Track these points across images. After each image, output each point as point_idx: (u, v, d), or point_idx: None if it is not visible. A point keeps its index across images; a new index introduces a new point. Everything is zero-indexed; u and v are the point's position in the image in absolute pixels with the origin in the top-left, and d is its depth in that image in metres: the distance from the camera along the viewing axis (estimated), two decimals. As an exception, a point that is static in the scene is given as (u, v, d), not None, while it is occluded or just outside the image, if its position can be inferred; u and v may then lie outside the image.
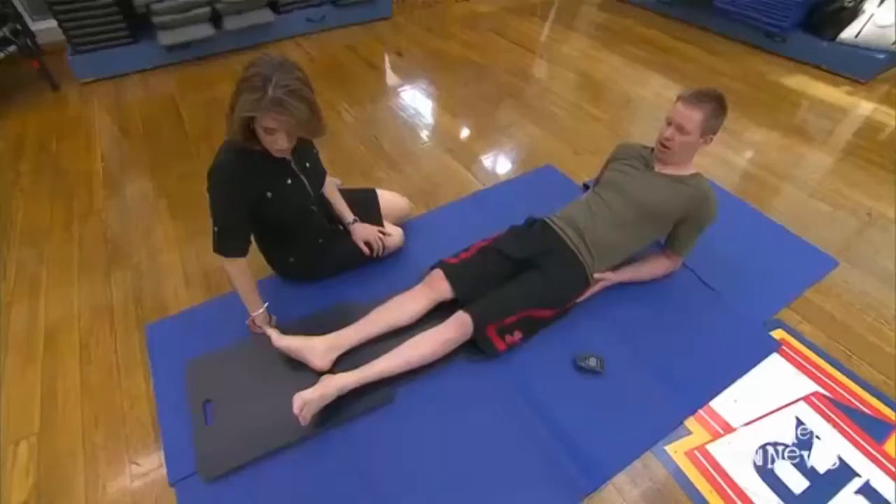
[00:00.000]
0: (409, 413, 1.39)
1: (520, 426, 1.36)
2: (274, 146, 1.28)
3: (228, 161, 1.32)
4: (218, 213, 1.36)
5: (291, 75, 1.19)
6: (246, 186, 1.35)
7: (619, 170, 1.69)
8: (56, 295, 1.76)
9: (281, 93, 1.16)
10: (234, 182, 1.33)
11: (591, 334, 1.57)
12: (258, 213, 1.41)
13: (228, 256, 1.40)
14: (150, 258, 1.87)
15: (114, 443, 1.36)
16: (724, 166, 2.34)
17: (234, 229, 1.39)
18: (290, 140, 1.29)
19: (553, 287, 1.54)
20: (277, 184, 1.41)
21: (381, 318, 1.53)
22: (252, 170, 1.34)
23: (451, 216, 2.02)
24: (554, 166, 2.31)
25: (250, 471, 1.28)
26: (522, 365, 1.49)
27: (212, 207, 1.36)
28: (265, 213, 1.42)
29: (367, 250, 1.68)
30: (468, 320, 1.44)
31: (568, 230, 1.61)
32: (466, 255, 1.64)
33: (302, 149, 1.45)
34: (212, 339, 1.56)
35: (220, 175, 1.32)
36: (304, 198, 1.50)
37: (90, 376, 1.51)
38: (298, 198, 1.48)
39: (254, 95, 1.16)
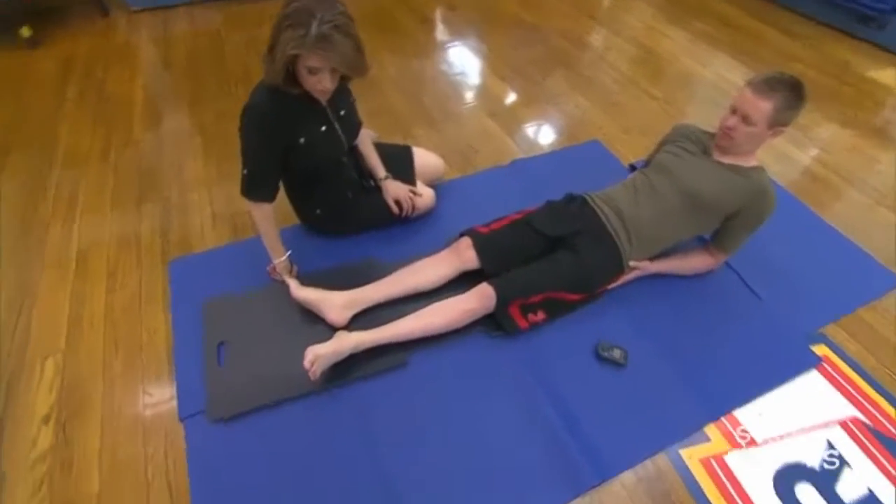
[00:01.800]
0: (420, 380, 1.37)
1: (531, 408, 1.32)
2: (317, 87, 1.22)
3: (263, 102, 1.27)
4: (248, 155, 1.33)
5: (335, 10, 1.11)
6: (279, 130, 1.30)
7: (673, 152, 1.56)
8: (90, 220, 1.79)
9: (326, 28, 1.09)
10: (267, 125, 1.28)
11: (617, 324, 1.50)
12: (289, 158, 1.37)
13: (255, 201, 1.38)
14: (180, 194, 1.87)
15: (131, 371, 1.39)
16: (784, 161, 2.16)
17: (263, 174, 1.36)
18: (333, 80, 1.23)
19: (585, 270, 1.47)
20: (311, 130, 1.36)
21: (402, 280, 1.49)
22: (287, 113, 1.29)
23: (486, 183, 1.94)
24: (600, 142, 2.18)
25: (256, 417, 1.29)
26: (542, 346, 1.44)
27: (242, 149, 1.33)
28: (296, 160, 1.38)
29: (395, 209, 1.63)
30: (491, 293, 1.39)
31: (608, 212, 1.52)
32: (498, 226, 1.57)
33: (338, 96, 1.39)
34: (232, 282, 1.56)
35: (253, 116, 1.28)
36: (336, 147, 1.45)
37: (114, 303, 1.54)
38: (330, 147, 1.43)
39: (298, 32, 1.10)
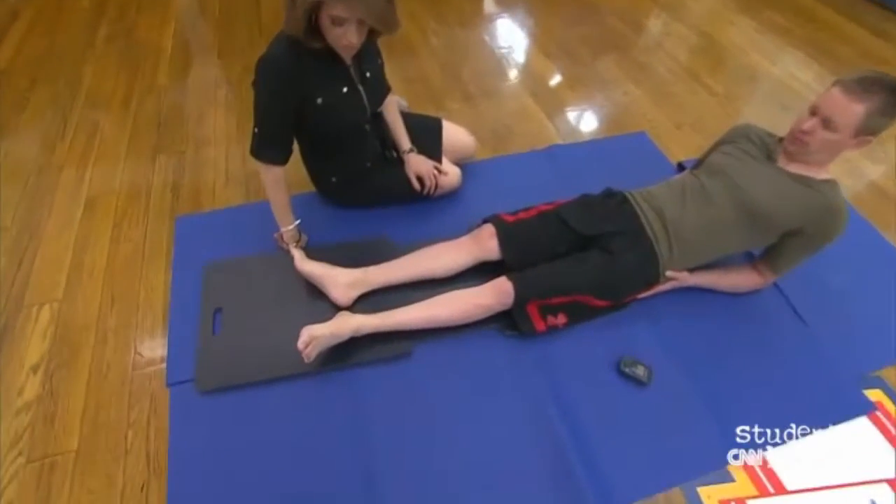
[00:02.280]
0: (423, 373, 1.27)
1: (539, 419, 1.21)
2: (341, 41, 1.10)
3: (281, 55, 1.16)
4: (260, 112, 1.22)
5: None
6: (295, 86, 1.19)
7: (731, 154, 1.38)
8: (103, 167, 1.73)
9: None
10: (282, 80, 1.17)
11: (643, 338, 1.36)
12: (305, 120, 1.26)
13: (265, 162, 1.28)
14: (196, 148, 1.80)
15: (124, 328, 1.33)
16: (853, 174, 1.94)
17: (274, 134, 1.25)
18: (360, 34, 1.11)
19: (617, 276, 1.32)
20: (331, 90, 1.24)
21: (415, 264, 1.38)
22: (305, 69, 1.18)
23: (518, 167, 1.79)
24: (647, 135, 2.00)
25: (245, 392, 1.21)
26: (559, 353, 1.32)
27: (255, 105, 1.22)
28: (313, 121, 1.27)
29: (417, 185, 1.51)
30: (510, 289, 1.27)
31: (650, 213, 1.36)
32: (525, 216, 1.43)
33: (365, 55, 1.27)
34: (237, 245, 1.48)
35: (268, 70, 1.17)
36: (358, 111, 1.33)
37: (117, 255, 1.49)
38: (352, 110, 1.31)
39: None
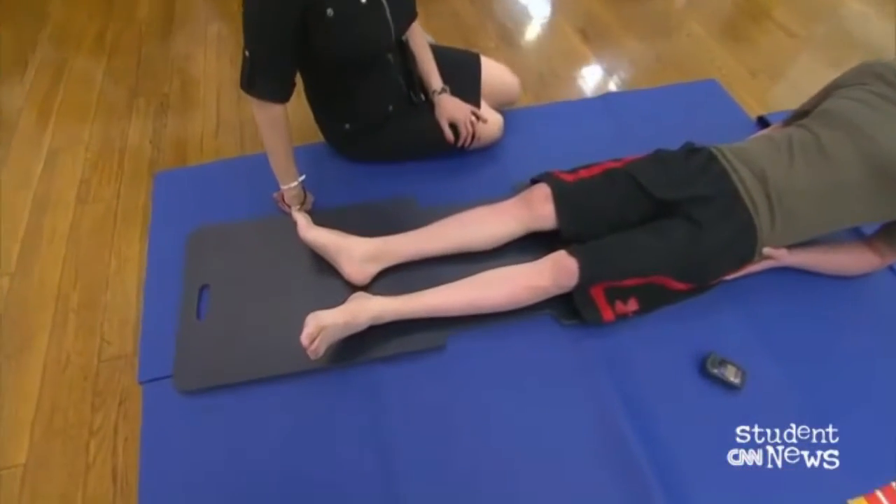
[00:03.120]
0: (458, 371, 1.02)
1: (607, 431, 0.96)
2: None
3: None
4: (252, 28, 0.93)
5: None
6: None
7: (857, 99, 1.07)
8: (70, 112, 1.48)
9: None
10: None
11: (733, 330, 1.09)
12: (311, 40, 0.96)
13: (260, 98, 0.99)
14: (182, 90, 1.53)
15: (89, 309, 1.10)
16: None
17: (272, 59, 0.96)
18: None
19: (703, 252, 1.04)
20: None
21: (448, 233, 1.12)
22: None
23: (568, 117, 1.50)
24: (718, 83, 1.69)
25: (237, 393, 0.97)
26: (627, 348, 1.06)
27: (246, 21, 0.92)
28: (321, 42, 0.97)
29: (450, 134, 1.23)
30: (573, 268, 0.99)
31: (746, 176, 1.06)
32: (587, 174, 1.15)
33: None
34: (229, 208, 1.22)
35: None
36: (380, 32, 1.03)
37: (83, 218, 1.24)
38: (372, 30, 1.01)
39: None
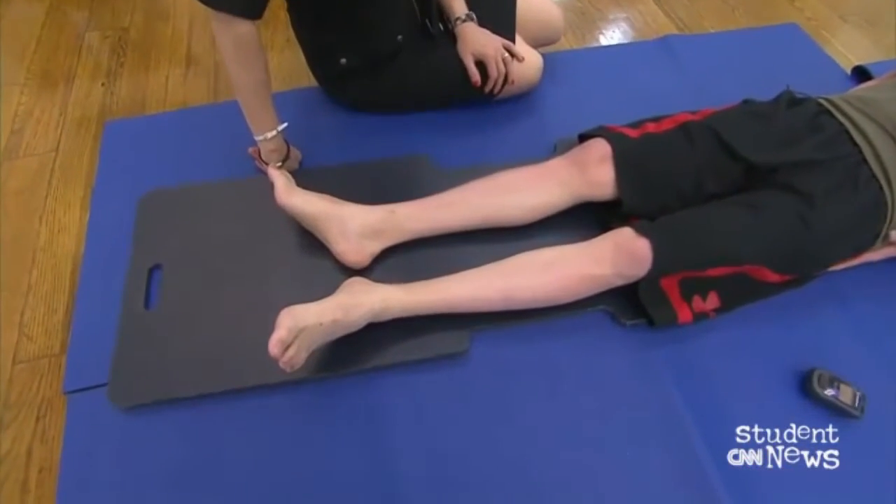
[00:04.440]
0: (487, 383, 0.81)
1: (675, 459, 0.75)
2: None
3: None
4: None
5: None
6: None
7: None
8: (6, 47, 1.24)
9: None
10: None
11: (842, 341, 0.87)
12: None
13: (222, 9, 0.74)
14: (145, 23, 1.31)
15: (9, 292, 0.89)
16: None
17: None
18: None
19: (815, 234, 0.81)
20: None
21: (472, 202, 0.89)
22: None
23: (619, 63, 1.28)
24: (800, 28, 1.46)
25: (192, 410, 0.75)
26: (705, 356, 0.85)
27: None
28: None
29: (476, 75, 0.99)
30: (645, 251, 0.76)
31: (872, 133, 0.83)
32: (655, 129, 0.91)
33: None
34: (193, 166, 1.01)
35: None
36: None
37: (11, 175, 1.03)
38: None
39: None
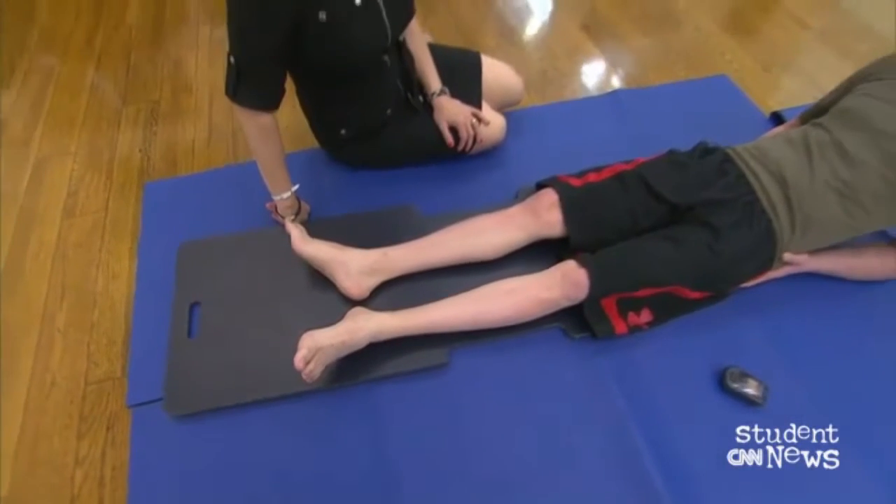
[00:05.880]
0: (463, 390, 0.97)
1: (616, 450, 0.91)
2: None
3: None
4: (238, 35, 0.87)
5: None
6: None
7: (878, 97, 1.01)
8: (57, 121, 1.44)
9: None
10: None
11: (751, 343, 1.04)
12: (303, 45, 0.91)
13: (247, 107, 0.93)
14: (173, 96, 1.48)
15: (76, 329, 1.05)
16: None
17: (259, 67, 0.91)
18: None
19: (721, 260, 0.98)
20: (340, 1, 0.88)
21: (450, 243, 1.06)
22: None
23: (574, 117, 1.45)
24: (729, 79, 1.63)
25: (231, 417, 0.92)
26: (640, 362, 1.01)
27: (230, 26, 0.86)
28: (313, 47, 0.91)
29: (450, 138, 1.18)
30: (583, 279, 0.94)
31: (765, 177, 1.01)
32: (596, 178, 1.09)
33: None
34: (221, 219, 1.17)
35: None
36: (376, 34, 0.97)
37: (70, 232, 1.20)
38: (368, 32, 0.96)
39: None
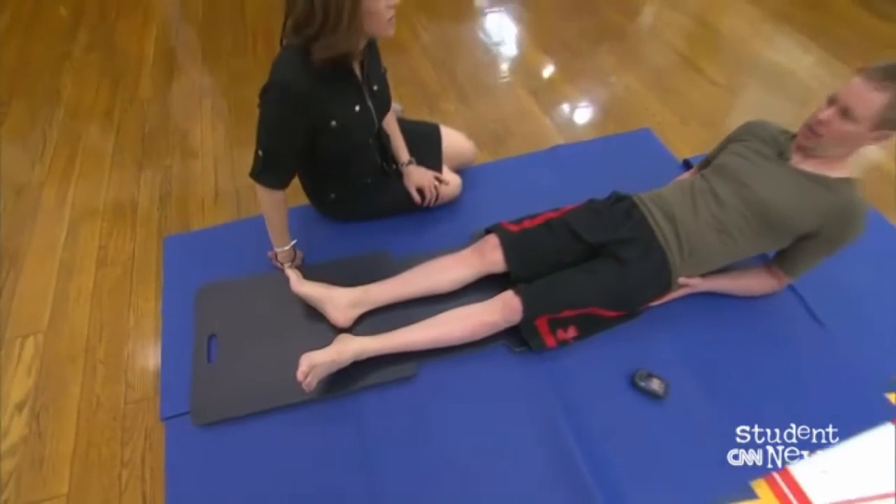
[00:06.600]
0: (428, 396, 1.21)
1: (552, 439, 1.15)
2: (388, 12, 1.03)
3: (296, 80, 1.06)
4: (268, 137, 1.13)
5: None
6: (311, 113, 1.11)
7: (740, 154, 1.32)
8: (86, 185, 1.67)
9: None
10: (298, 108, 1.09)
11: (658, 349, 1.30)
12: (316, 143, 1.19)
13: (267, 187, 1.20)
14: (183, 161, 1.73)
15: (114, 359, 1.27)
16: (868, 167, 1.88)
17: (282, 159, 1.17)
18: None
19: (628, 285, 1.26)
20: (345, 110, 1.17)
21: (417, 280, 1.32)
22: (322, 93, 1.09)
23: (520, 170, 1.72)
24: (652, 132, 1.92)
25: (245, 424, 1.15)
26: (570, 368, 1.26)
27: (261, 128, 1.12)
28: (323, 144, 1.19)
29: (417, 198, 1.44)
30: (518, 305, 1.21)
31: (660, 218, 1.30)
32: (530, 224, 1.37)
33: (371, 67, 1.21)
34: (231, 265, 1.40)
35: (282, 96, 1.07)
36: (367, 129, 1.26)
37: (104, 279, 1.42)
38: (362, 129, 1.24)
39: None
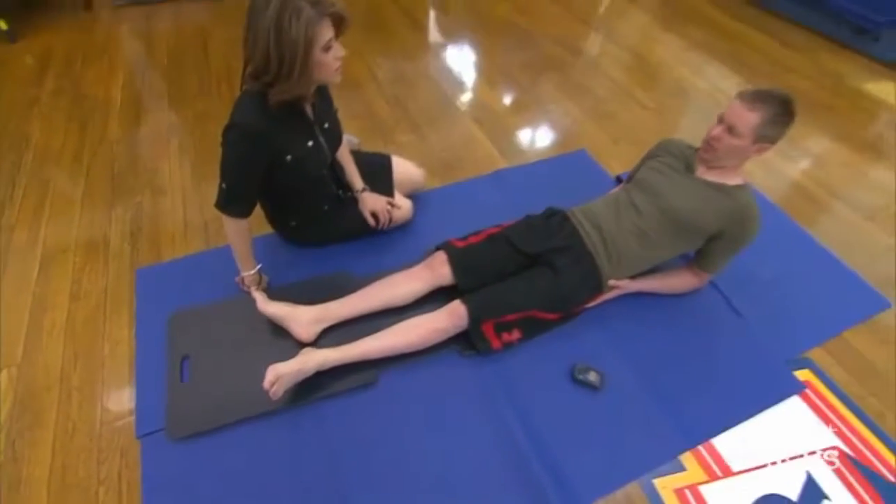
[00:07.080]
0: (388, 399, 1.32)
1: (501, 432, 1.28)
2: (336, 63, 1.18)
3: (253, 122, 1.19)
4: (230, 172, 1.26)
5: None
6: (268, 150, 1.24)
7: (655, 169, 1.52)
8: (57, 224, 1.73)
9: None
10: (257, 146, 1.22)
11: (594, 345, 1.45)
12: (273, 176, 1.32)
13: (231, 216, 1.32)
14: (152, 199, 1.82)
15: (89, 385, 1.34)
16: (773, 174, 2.11)
17: (243, 191, 1.30)
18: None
19: (562, 289, 1.42)
20: (298, 146, 1.31)
21: (374, 295, 1.45)
22: (277, 131, 1.23)
23: (466, 193, 1.89)
24: (587, 152, 2.13)
25: (218, 436, 1.24)
26: (515, 367, 1.40)
27: (224, 164, 1.25)
28: (280, 176, 1.33)
29: (372, 222, 1.58)
30: (463, 312, 1.34)
31: (589, 228, 1.47)
32: (475, 240, 1.52)
33: (321, 106, 1.35)
34: (200, 293, 1.51)
35: (242, 136, 1.20)
36: (321, 162, 1.40)
37: (77, 312, 1.49)
38: (316, 162, 1.38)
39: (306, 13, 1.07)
